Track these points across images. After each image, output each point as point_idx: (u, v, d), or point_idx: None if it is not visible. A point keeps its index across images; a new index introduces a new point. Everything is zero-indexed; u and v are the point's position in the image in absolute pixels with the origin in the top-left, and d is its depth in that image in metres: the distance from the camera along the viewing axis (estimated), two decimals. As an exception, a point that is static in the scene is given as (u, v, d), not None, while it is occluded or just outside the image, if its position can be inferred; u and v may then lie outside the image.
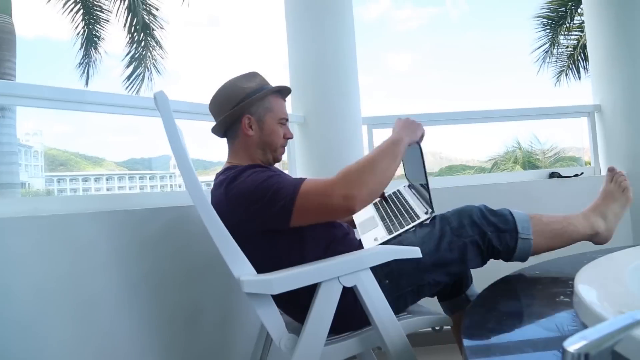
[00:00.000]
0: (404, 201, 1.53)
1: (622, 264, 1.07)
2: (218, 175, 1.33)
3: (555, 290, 1.14)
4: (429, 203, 1.33)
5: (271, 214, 1.16)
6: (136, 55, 10.59)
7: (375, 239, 1.34)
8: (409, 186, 1.64)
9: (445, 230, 1.28)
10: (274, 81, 1.43)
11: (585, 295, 0.83)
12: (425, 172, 1.34)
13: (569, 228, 1.32)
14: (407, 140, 1.28)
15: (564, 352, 0.49)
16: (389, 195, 1.67)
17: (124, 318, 1.31)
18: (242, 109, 1.34)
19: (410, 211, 1.41)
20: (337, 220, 1.39)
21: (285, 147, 1.44)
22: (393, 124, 1.37)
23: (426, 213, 1.34)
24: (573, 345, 0.49)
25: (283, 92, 1.44)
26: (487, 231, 1.26)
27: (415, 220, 1.35)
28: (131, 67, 10.75)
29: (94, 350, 1.23)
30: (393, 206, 1.54)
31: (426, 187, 1.35)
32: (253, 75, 1.40)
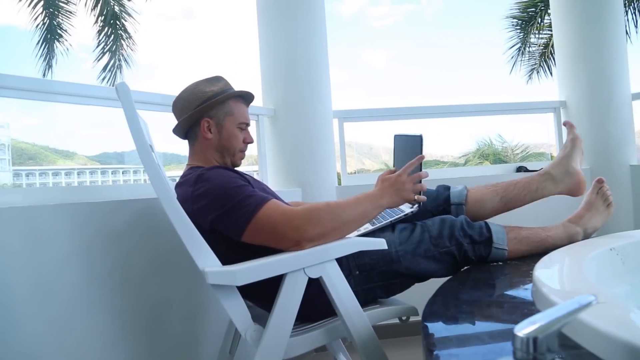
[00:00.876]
0: None
1: (581, 254, 1.10)
2: (182, 177, 1.32)
3: (516, 280, 1.17)
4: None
5: (227, 222, 1.15)
6: (106, 48, 10.32)
7: (358, 229, 1.35)
8: None
9: (425, 237, 1.30)
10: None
11: (541, 284, 0.85)
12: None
13: (547, 241, 1.36)
14: (387, 205, 1.23)
15: (514, 337, 0.50)
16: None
17: (88, 312, 1.28)
18: (202, 111, 1.34)
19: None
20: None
21: (245, 152, 1.44)
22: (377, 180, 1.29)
23: (411, 207, 1.36)
24: (522, 330, 0.50)
25: (245, 97, 1.44)
26: (464, 243, 1.29)
27: (398, 214, 1.36)
28: (104, 60, 10.48)
29: (57, 346, 1.20)
30: None
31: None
32: (216, 79, 1.40)
